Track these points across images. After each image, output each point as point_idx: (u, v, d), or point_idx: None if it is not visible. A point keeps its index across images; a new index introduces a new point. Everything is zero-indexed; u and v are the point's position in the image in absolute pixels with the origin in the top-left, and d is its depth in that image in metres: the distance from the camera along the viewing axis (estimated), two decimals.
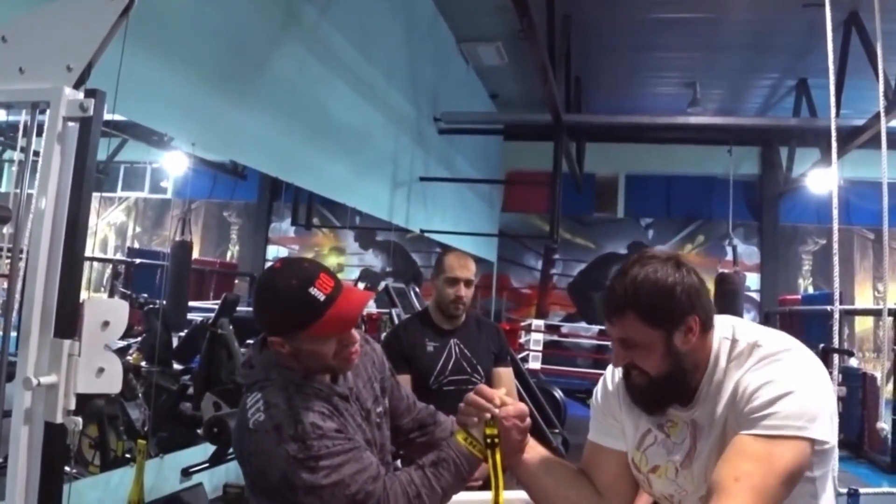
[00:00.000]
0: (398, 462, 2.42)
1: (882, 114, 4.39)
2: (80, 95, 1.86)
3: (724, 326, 1.72)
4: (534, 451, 1.93)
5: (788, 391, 1.54)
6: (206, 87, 4.19)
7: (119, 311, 1.82)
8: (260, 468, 1.76)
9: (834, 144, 4.37)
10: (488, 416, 1.83)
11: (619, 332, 1.67)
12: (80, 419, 1.81)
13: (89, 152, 1.85)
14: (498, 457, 1.81)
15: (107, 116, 1.93)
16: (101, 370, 1.79)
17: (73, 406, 1.80)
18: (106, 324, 1.79)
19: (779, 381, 1.56)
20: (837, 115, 4.39)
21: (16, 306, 1.95)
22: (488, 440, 1.81)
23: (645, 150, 12.73)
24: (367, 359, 2.05)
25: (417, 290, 8.10)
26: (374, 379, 2.04)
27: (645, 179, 13.43)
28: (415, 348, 2.62)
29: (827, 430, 1.54)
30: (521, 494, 2.08)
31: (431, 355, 2.99)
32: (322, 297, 1.76)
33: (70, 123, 1.86)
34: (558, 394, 8.83)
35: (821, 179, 10.49)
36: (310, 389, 1.83)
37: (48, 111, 1.87)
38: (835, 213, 4.39)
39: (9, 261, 1.96)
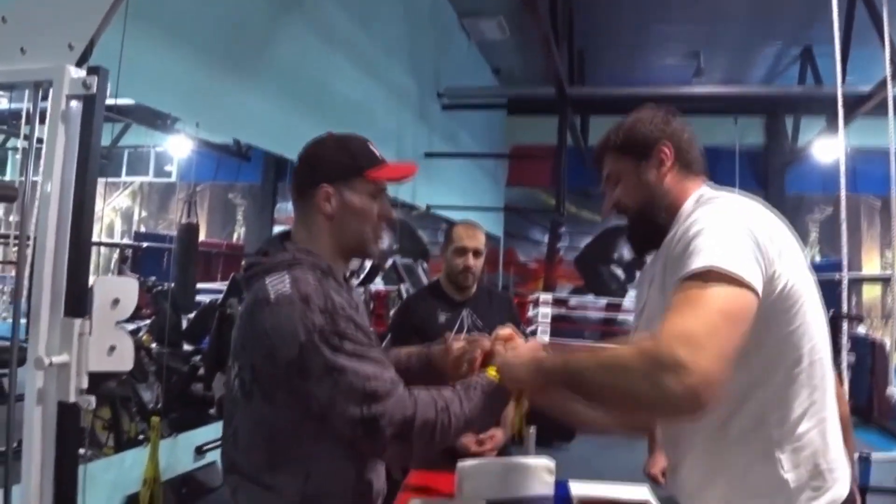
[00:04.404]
0: None
1: (888, 80, 4.34)
2: (83, 73, 1.85)
3: (709, 189, 1.69)
4: None
5: (701, 229, 1.46)
6: (209, 67, 4.18)
7: (129, 289, 1.82)
8: (273, 346, 1.62)
9: (841, 112, 4.35)
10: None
11: (605, 169, 1.75)
12: (93, 398, 1.81)
13: (94, 130, 1.84)
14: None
15: (109, 101, 1.93)
16: (112, 348, 1.80)
17: (85, 385, 1.80)
18: (116, 302, 1.79)
19: (698, 221, 1.49)
20: (843, 82, 4.36)
21: (24, 294, 1.95)
22: None
23: None
24: (358, 298, 1.97)
25: (426, 265, 8.12)
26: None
27: None
28: (427, 319, 2.61)
29: (745, 267, 1.38)
30: (546, 462, 2.09)
31: (444, 326, 2.99)
32: (378, 153, 1.84)
33: (73, 102, 1.86)
34: None
35: (827, 148, 10.41)
36: (335, 281, 1.76)
37: (51, 92, 1.86)
38: (842, 180, 4.37)
39: (16, 248, 1.95)
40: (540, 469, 2.06)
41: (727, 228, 1.46)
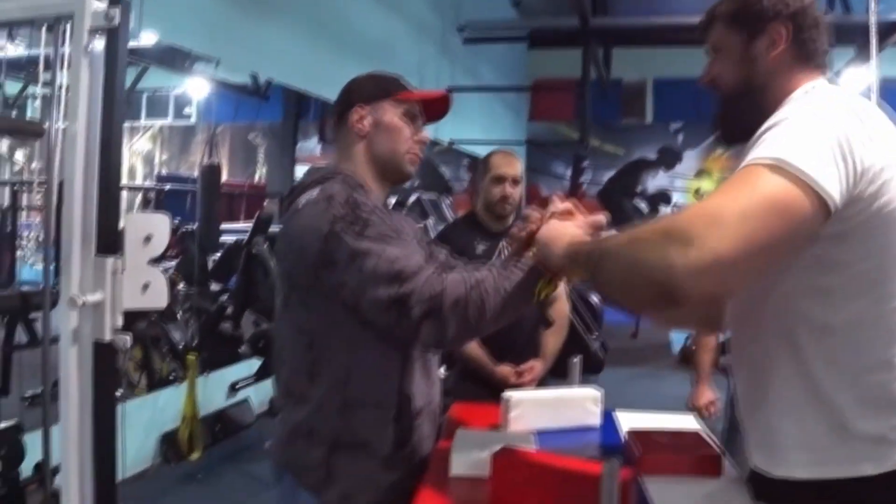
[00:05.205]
0: None
1: None
2: (105, 5, 1.80)
3: (825, 83, 1.45)
4: None
5: (783, 119, 1.29)
6: (230, 2, 4.11)
7: (160, 225, 1.79)
8: (301, 247, 1.67)
9: (873, 39, 4.23)
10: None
11: (710, 39, 1.55)
12: (128, 337, 1.80)
13: (118, 65, 1.80)
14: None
15: (132, 44, 1.88)
16: (146, 286, 1.78)
17: (120, 324, 1.79)
18: (148, 239, 1.77)
19: (785, 112, 1.32)
20: (875, 9, 4.22)
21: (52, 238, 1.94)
22: None
23: (673, 54, 12.40)
24: (411, 225, 1.99)
25: (449, 201, 8.09)
26: (419, 244, 1.98)
27: (673, 83, 13.11)
28: (464, 250, 2.56)
29: (819, 169, 1.18)
30: (592, 392, 2.07)
31: (481, 257, 2.94)
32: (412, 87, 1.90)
33: (96, 37, 1.81)
34: (595, 299, 8.82)
35: (856, 78, 10.20)
36: (366, 192, 1.78)
37: (69, 29, 1.81)
38: None
39: (42, 194, 1.93)
40: (586, 399, 2.04)
41: (814, 124, 1.27)
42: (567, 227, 1.56)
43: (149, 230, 1.78)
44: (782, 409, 1.37)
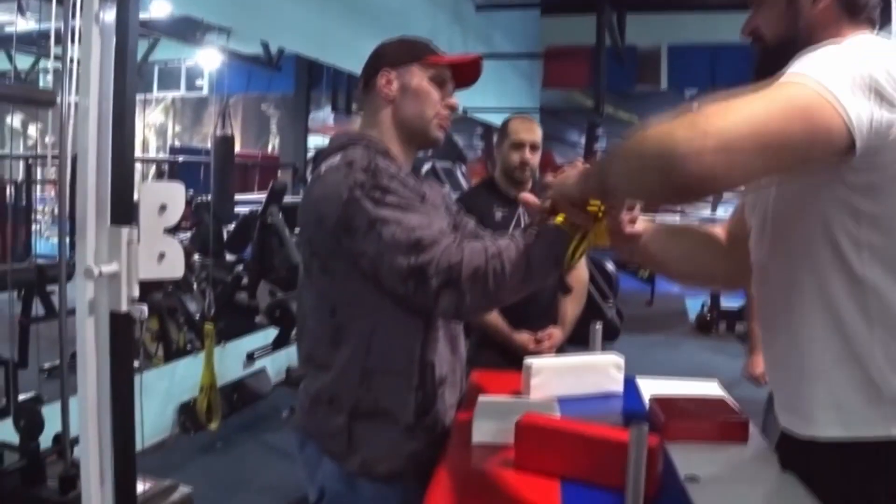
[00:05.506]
0: None
1: None
2: None
3: (871, 37, 1.36)
4: (646, 224, 1.67)
5: (813, 53, 1.24)
6: None
7: (175, 194, 1.77)
8: (321, 213, 1.66)
9: None
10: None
11: None
12: (145, 307, 1.78)
13: (129, 36, 1.76)
14: (599, 231, 1.57)
15: (142, 15, 1.85)
16: (161, 255, 1.76)
17: (136, 294, 1.77)
18: (163, 208, 1.74)
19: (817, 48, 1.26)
20: None
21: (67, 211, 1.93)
22: (593, 210, 1.51)
23: (687, 19, 12.26)
24: (438, 192, 1.98)
25: (463, 169, 8.04)
26: (447, 211, 1.97)
27: (688, 50, 12.96)
28: (482, 217, 2.53)
29: (845, 92, 1.14)
30: (614, 358, 2.05)
31: (499, 224, 2.91)
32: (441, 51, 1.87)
33: (106, 8, 1.77)
34: (610, 266, 8.80)
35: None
36: (391, 158, 1.76)
37: (82, 1, 1.78)
38: None
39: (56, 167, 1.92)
40: (609, 365, 2.02)
41: (848, 57, 1.21)
42: (579, 167, 1.49)
43: (164, 199, 1.75)
44: (813, 368, 1.34)
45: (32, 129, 12.70)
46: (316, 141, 13.13)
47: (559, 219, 1.54)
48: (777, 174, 1.22)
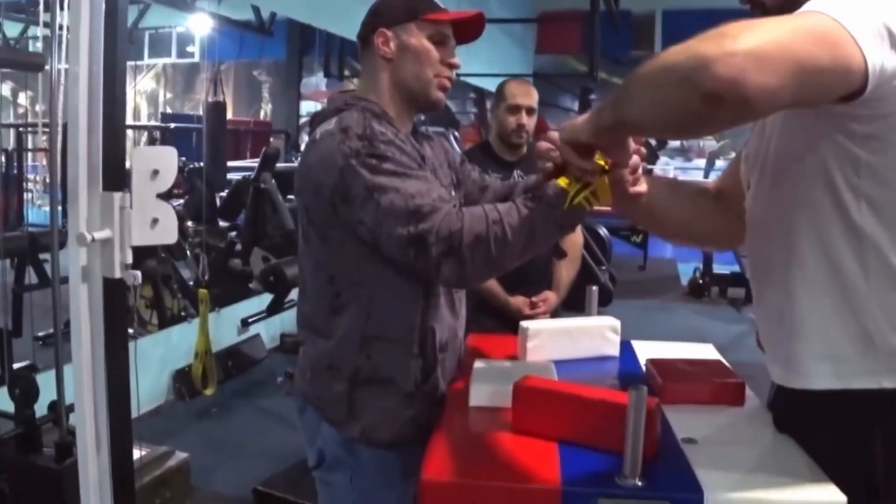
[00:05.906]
0: None
1: None
2: None
3: None
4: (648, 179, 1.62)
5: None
6: None
7: (167, 159, 1.74)
8: (317, 180, 1.64)
9: None
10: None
11: None
12: (138, 273, 1.77)
13: (119, 2, 1.73)
14: (603, 188, 1.49)
15: None
16: (155, 221, 1.74)
17: (130, 260, 1.75)
18: (156, 172, 1.72)
19: None
20: None
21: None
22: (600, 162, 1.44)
23: None
24: (440, 149, 1.96)
25: (456, 134, 8.01)
26: (450, 167, 1.95)
27: (684, 14, 12.87)
28: None
29: (861, 30, 1.12)
30: (610, 321, 2.05)
31: None
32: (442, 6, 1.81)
33: None
34: (603, 231, 8.80)
35: None
36: (388, 121, 1.71)
37: None
38: None
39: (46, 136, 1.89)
40: (605, 328, 2.01)
41: (857, 2, 1.17)
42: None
43: (156, 164, 1.73)
44: (809, 319, 1.34)
45: (23, 98, 12.60)
46: (308, 107, 13.07)
47: (562, 181, 1.49)
48: (799, 101, 1.18)
